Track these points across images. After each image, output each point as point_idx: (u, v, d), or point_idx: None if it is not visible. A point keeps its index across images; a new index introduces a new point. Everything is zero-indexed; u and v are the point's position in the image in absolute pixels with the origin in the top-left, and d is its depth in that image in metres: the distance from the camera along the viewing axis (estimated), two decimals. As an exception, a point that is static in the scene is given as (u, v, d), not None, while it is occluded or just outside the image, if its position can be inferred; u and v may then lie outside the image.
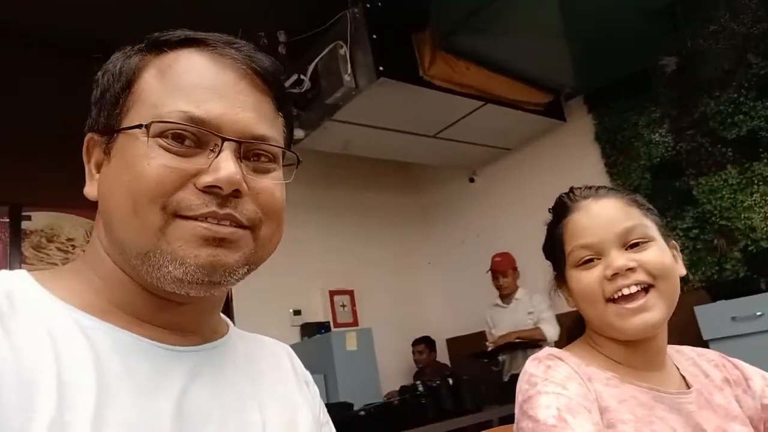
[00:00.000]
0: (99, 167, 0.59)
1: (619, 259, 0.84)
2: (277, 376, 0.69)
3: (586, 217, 0.89)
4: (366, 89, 2.86)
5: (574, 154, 3.90)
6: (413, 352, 4.29)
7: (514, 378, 2.85)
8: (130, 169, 0.53)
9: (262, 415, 0.61)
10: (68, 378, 0.47)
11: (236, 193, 0.54)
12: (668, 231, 0.92)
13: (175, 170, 0.53)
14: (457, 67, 3.04)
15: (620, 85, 3.64)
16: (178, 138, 0.54)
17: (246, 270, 0.57)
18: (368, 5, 2.85)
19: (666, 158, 3.46)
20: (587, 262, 0.87)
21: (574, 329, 0.99)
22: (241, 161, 0.55)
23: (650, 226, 0.88)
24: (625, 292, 0.83)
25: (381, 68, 2.77)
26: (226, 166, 0.53)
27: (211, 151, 0.54)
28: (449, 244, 4.89)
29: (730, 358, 0.98)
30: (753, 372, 0.96)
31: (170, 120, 0.53)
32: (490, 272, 3.85)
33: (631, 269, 0.83)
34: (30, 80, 2.92)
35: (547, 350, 0.90)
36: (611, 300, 0.84)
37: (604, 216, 0.88)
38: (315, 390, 0.74)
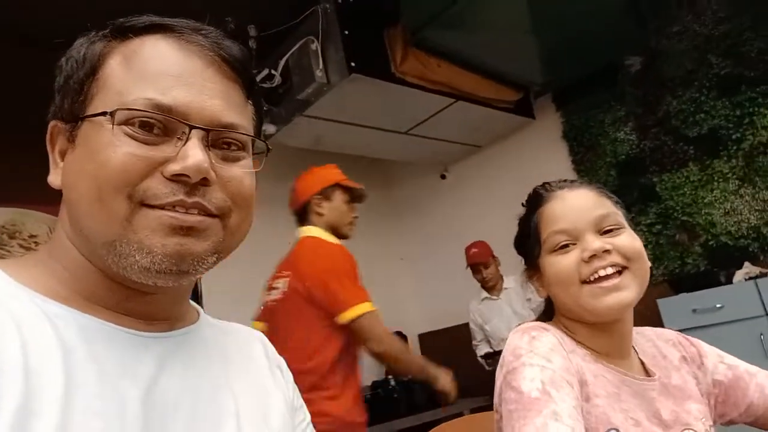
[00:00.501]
0: (63, 155, 0.58)
1: (596, 241, 0.87)
2: (248, 362, 0.69)
3: (561, 205, 0.92)
4: (337, 85, 2.85)
5: (543, 151, 3.97)
6: (385, 348, 4.30)
7: None
8: (95, 157, 0.53)
9: (234, 401, 0.61)
10: (35, 365, 0.47)
11: (204, 182, 0.54)
12: (633, 226, 0.95)
13: (142, 158, 0.52)
14: (428, 63, 3.05)
15: (587, 83, 3.72)
16: (145, 126, 0.53)
17: (215, 258, 0.57)
18: (340, 0, 2.84)
19: (631, 156, 3.55)
20: (563, 248, 0.90)
21: (542, 315, 1.01)
22: (209, 149, 0.55)
23: (621, 215, 0.92)
24: (601, 273, 0.86)
25: (353, 64, 2.76)
26: (193, 154, 0.53)
27: (179, 139, 0.54)
28: (421, 240, 4.92)
29: (688, 337, 1.02)
30: (709, 350, 1.00)
31: (136, 107, 0.52)
32: (469, 268, 3.69)
33: (607, 251, 0.86)
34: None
35: (530, 323, 0.93)
36: (586, 282, 0.87)
37: (579, 204, 0.92)
38: (288, 375, 0.74)
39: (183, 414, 0.55)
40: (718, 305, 2.70)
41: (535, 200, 0.97)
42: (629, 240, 0.89)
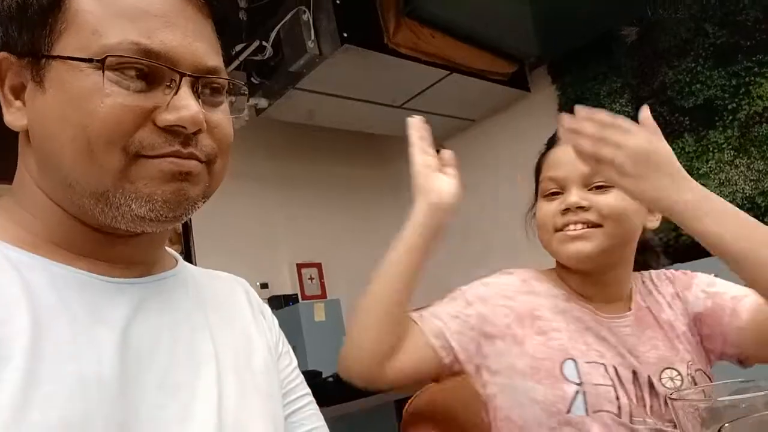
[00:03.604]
0: (16, 92, 0.54)
1: (574, 196, 0.89)
2: (230, 307, 0.68)
3: (562, 153, 0.96)
4: (330, 56, 2.80)
5: (539, 124, 3.93)
6: (381, 323, 4.32)
7: None
8: (79, 106, 0.49)
9: (213, 344, 0.60)
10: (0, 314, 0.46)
11: (197, 131, 0.53)
12: None
13: (133, 109, 0.50)
14: (422, 34, 3.01)
15: (583, 55, 3.67)
16: (133, 73, 0.50)
17: (202, 203, 0.56)
18: (331, -31, 2.78)
19: (626, 127, 3.52)
20: (552, 194, 0.93)
21: None
22: (198, 97, 0.54)
23: None
24: (571, 227, 0.88)
25: (345, 34, 2.72)
26: (188, 104, 0.51)
27: (167, 86, 0.52)
28: (416, 215, 4.90)
29: (687, 272, 1.02)
30: (698, 281, 0.99)
31: (124, 54, 0.50)
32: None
33: (581, 207, 0.88)
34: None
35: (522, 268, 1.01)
36: (559, 230, 0.90)
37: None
38: (273, 321, 0.74)
39: (160, 356, 0.54)
40: (713, 274, 2.70)
41: (551, 140, 1.00)
42: (614, 200, 0.90)
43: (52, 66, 0.51)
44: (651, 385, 0.85)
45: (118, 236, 0.55)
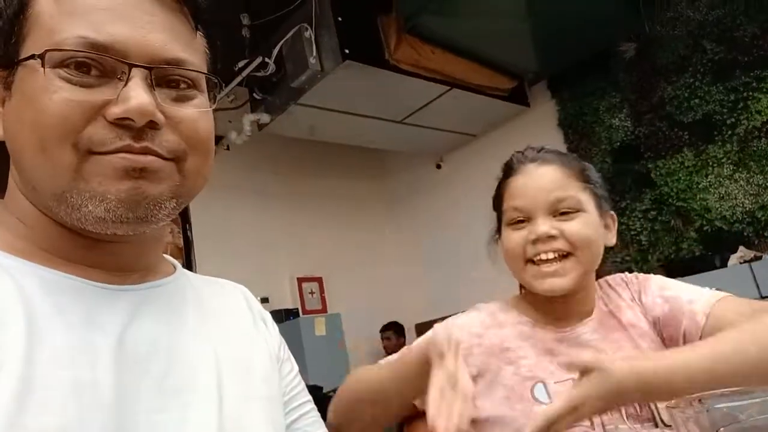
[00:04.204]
0: (3, 103, 0.54)
1: (543, 225, 0.91)
2: (230, 313, 0.67)
3: (524, 181, 0.96)
4: (331, 72, 2.84)
5: (538, 139, 3.90)
6: (381, 339, 4.31)
7: None
8: (32, 104, 0.49)
9: (213, 348, 0.58)
10: None
11: (152, 125, 0.50)
12: (608, 203, 0.98)
13: (80, 103, 0.48)
14: (422, 50, 3.04)
15: (582, 70, 3.71)
16: (81, 67, 0.49)
17: (174, 204, 0.54)
18: (333, -13, 2.82)
19: (625, 142, 3.55)
20: (518, 222, 0.94)
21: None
22: (154, 89, 0.51)
23: (584, 200, 0.93)
24: (543, 257, 0.89)
25: (346, 51, 2.75)
26: (136, 95, 0.48)
27: (119, 79, 0.50)
28: (418, 230, 4.92)
29: (640, 275, 1.04)
30: (653, 285, 1.00)
31: (67, 48, 0.48)
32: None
33: (552, 236, 0.89)
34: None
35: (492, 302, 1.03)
36: (530, 261, 0.90)
37: (540, 183, 0.93)
38: (274, 329, 0.73)
39: (158, 362, 0.53)
40: (713, 289, 2.70)
41: (508, 168, 1.00)
42: (580, 227, 0.91)
43: (18, 71, 0.51)
44: None
45: (106, 242, 0.54)
